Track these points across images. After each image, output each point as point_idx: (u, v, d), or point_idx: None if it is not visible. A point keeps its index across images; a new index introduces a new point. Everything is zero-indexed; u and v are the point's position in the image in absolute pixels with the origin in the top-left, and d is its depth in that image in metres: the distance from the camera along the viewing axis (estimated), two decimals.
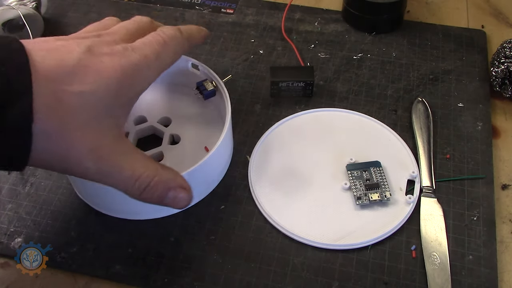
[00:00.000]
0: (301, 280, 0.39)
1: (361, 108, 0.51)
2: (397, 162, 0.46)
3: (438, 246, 0.41)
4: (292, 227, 0.42)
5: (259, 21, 0.60)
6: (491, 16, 0.62)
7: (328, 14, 0.61)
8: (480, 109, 0.51)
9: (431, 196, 0.44)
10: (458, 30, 0.59)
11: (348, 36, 0.59)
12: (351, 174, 0.45)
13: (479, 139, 0.48)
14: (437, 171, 0.46)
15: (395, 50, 0.57)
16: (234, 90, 0.52)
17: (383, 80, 0.54)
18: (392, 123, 0.50)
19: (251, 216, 0.43)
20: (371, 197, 0.43)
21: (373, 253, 0.41)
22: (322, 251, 0.41)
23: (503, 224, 0.43)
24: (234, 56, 0.56)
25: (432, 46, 0.57)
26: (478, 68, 0.55)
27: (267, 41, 0.58)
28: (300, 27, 0.60)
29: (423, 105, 0.50)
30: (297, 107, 0.51)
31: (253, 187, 0.44)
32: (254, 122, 0.50)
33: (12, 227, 0.42)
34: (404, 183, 0.45)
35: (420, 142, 0.47)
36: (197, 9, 0.62)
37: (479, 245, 0.41)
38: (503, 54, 0.51)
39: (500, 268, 0.40)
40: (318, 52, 0.57)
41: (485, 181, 0.45)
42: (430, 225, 0.42)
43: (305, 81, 0.50)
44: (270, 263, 0.40)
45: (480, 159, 0.47)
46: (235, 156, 0.47)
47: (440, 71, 0.55)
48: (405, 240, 0.42)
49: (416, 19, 0.61)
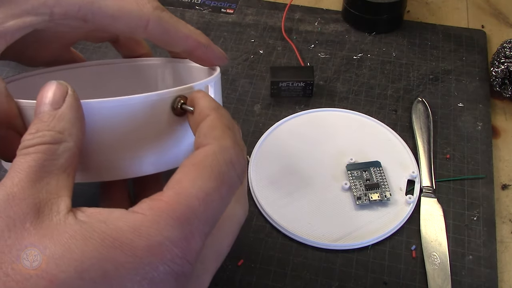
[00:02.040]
0: (301, 280, 0.39)
1: (361, 108, 0.51)
2: (397, 162, 0.46)
3: (438, 246, 0.41)
4: (292, 227, 0.42)
5: (259, 21, 0.60)
6: (491, 16, 0.62)
7: (328, 14, 0.61)
8: (480, 109, 0.51)
9: (431, 196, 0.44)
10: (458, 30, 0.59)
11: (348, 36, 0.59)
12: (351, 174, 0.45)
13: (479, 139, 0.48)
14: (437, 171, 0.46)
15: (395, 50, 0.57)
16: (234, 90, 0.53)
17: (383, 80, 0.54)
18: (392, 123, 0.50)
19: (251, 216, 0.43)
20: (371, 197, 0.43)
21: (373, 253, 0.41)
22: (322, 251, 0.41)
23: (503, 224, 0.43)
24: (234, 56, 0.56)
25: (432, 46, 0.57)
26: (478, 68, 0.55)
27: (267, 41, 0.58)
28: (300, 27, 0.60)
29: (423, 105, 0.50)
30: (297, 107, 0.51)
31: (253, 187, 0.44)
32: (254, 122, 0.50)
33: None
34: (404, 183, 0.45)
35: (420, 142, 0.47)
36: (197, 9, 0.62)
37: (479, 245, 0.41)
38: (503, 54, 0.51)
39: (500, 268, 0.40)
40: (318, 52, 0.57)
41: (485, 181, 0.45)
42: (430, 225, 0.42)
43: (305, 81, 0.50)
44: (270, 263, 0.40)
45: (480, 159, 0.47)
46: None
47: (440, 71, 0.55)
48: (405, 240, 0.42)
49: (416, 19, 0.61)
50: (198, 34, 0.35)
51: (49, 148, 0.24)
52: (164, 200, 0.23)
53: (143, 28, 0.32)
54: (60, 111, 0.26)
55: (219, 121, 0.27)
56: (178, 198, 0.23)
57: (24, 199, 0.22)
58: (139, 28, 0.32)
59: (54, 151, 0.24)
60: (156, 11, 0.32)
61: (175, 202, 0.23)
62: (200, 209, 0.23)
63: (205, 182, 0.24)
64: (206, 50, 0.35)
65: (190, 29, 0.34)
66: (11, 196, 0.22)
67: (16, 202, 0.22)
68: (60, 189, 0.24)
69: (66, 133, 0.25)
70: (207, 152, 0.25)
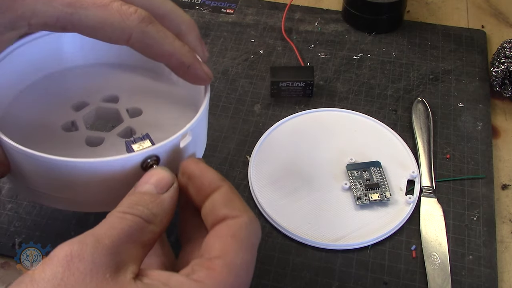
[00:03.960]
0: (301, 280, 0.39)
1: (361, 108, 0.51)
2: (397, 162, 0.46)
3: (438, 246, 0.41)
4: (292, 227, 0.42)
5: (259, 21, 0.60)
6: (491, 16, 0.62)
7: (328, 14, 0.61)
8: (480, 109, 0.51)
9: (431, 196, 0.44)
10: (458, 30, 0.59)
11: (348, 36, 0.59)
12: (351, 174, 0.45)
13: (479, 139, 0.48)
14: (437, 171, 0.46)
15: (395, 50, 0.57)
16: (234, 90, 0.53)
17: (383, 80, 0.54)
18: (392, 123, 0.50)
19: None
20: (371, 197, 0.43)
21: (373, 253, 0.41)
22: (322, 251, 0.41)
23: (503, 224, 0.43)
24: (234, 56, 0.56)
25: (432, 46, 0.57)
26: (478, 68, 0.55)
27: (267, 41, 0.58)
28: (300, 27, 0.60)
29: (423, 105, 0.50)
30: (297, 107, 0.51)
31: (253, 187, 0.44)
32: (254, 122, 0.50)
33: (12, 227, 0.42)
34: (404, 183, 0.45)
35: (420, 142, 0.47)
36: (197, 9, 0.62)
37: (479, 245, 0.41)
38: (503, 54, 0.51)
39: (500, 268, 0.40)
40: (318, 52, 0.57)
41: (485, 181, 0.45)
42: (430, 225, 0.42)
43: (305, 81, 0.50)
44: (270, 263, 0.40)
45: (480, 159, 0.47)
46: (235, 156, 0.47)
47: (440, 71, 0.55)
48: (405, 240, 0.42)
49: (416, 19, 0.61)
50: (184, 53, 0.33)
51: (142, 223, 0.27)
52: (218, 270, 0.26)
53: (125, 41, 0.32)
54: (161, 198, 0.29)
55: (232, 192, 0.29)
56: (230, 269, 0.26)
57: (111, 254, 0.25)
58: (121, 40, 0.32)
59: (144, 228, 0.27)
60: (141, 24, 0.31)
61: (228, 273, 0.26)
62: (244, 278, 0.27)
63: (245, 254, 0.27)
64: (187, 70, 0.34)
65: (176, 46, 0.32)
66: (102, 245, 0.25)
67: (104, 252, 0.24)
68: (136, 258, 0.26)
69: (158, 219, 0.28)
70: (241, 225, 0.28)
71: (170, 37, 0.32)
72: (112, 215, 0.27)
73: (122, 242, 0.25)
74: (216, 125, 0.50)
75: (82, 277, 0.23)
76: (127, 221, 0.26)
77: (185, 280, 0.25)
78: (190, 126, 0.33)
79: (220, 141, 0.48)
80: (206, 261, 0.26)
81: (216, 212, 0.28)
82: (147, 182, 0.29)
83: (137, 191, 0.29)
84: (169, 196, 0.29)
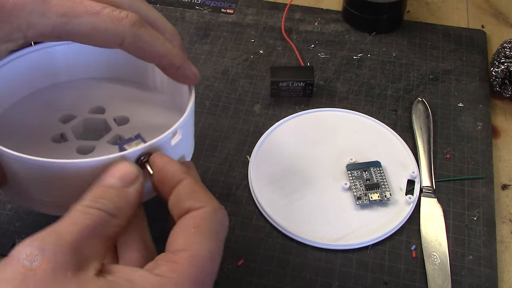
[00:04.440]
0: (301, 280, 0.39)
1: (361, 108, 0.51)
2: (397, 162, 0.46)
3: (438, 246, 0.41)
4: (292, 227, 0.42)
5: (259, 21, 0.60)
6: (491, 16, 0.62)
7: (328, 14, 0.61)
8: (480, 109, 0.51)
9: (431, 196, 0.44)
10: (458, 30, 0.59)
11: (348, 36, 0.59)
12: (351, 174, 0.45)
13: (479, 139, 0.48)
14: (437, 171, 0.46)
15: (395, 50, 0.57)
16: (234, 90, 0.53)
17: (383, 80, 0.54)
18: (392, 123, 0.50)
19: (251, 216, 0.43)
20: (371, 197, 0.43)
21: (373, 253, 0.41)
22: (322, 251, 0.41)
23: (503, 224, 0.43)
24: (234, 56, 0.56)
25: (432, 46, 0.57)
26: (478, 68, 0.55)
27: (267, 41, 0.58)
28: (300, 27, 0.60)
29: (423, 105, 0.50)
30: (297, 107, 0.51)
31: (253, 187, 0.44)
32: (254, 122, 0.50)
33: (12, 227, 0.42)
34: (404, 183, 0.45)
35: (420, 142, 0.47)
36: (197, 9, 0.62)
37: (479, 245, 0.41)
38: (503, 54, 0.51)
39: (500, 268, 0.40)
40: (318, 52, 0.57)
41: (485, 181, 0.45)
42: (430, 225, 0.42)
43: (305, 81, 0.50)
44: (270, 263, 0.40)
45: (480, 159, 0.47)
46: (235, 156, 0.47)
47: (440, 71, 0.55)
48: (405, 240, 0.42)
49: (416, 19, 0.61)
50: (174, 54, 0.34)
51: (106, 217, 0.27)
52: (181, 263, 0.26)
53: (118, 45, 0.32)
54: (126, 192, 0.28)
55: (196, 184, 0.30)
56: (193, 261, 0.26)
57: (72, 251, 0.24)
58: (114, 44, 0.32)
59: (108, 222, 0.27)
60: (133, 28, 0.32)
61: (192, 265, 0.26)
62: (209, 268, 0.27)
63: (209, 244, 0.27)
64: (177, 71, 0.35)
65: (167, 47, 0.34)
66: (64, 242, 0.24)
67: (65, 250, 0.24)
68: (99, 252, 0.26)
69: (123, 212, 0.28)
70: (203, 215, 0.28)
71: (161, 39, 0.34)
72: (75, 210, 0.27)
73: (84, 237, 0.25)
74: (216, 125, 0.50)
75: (44, 276, 0.23)
76: (90, 216, 0.26)
77: (148, 275, 0.25)
78: (180, 124, 0.34)
79: (220, 141, 0.48)
80: (170, 254, 0.27)
81: (180, 204, 0.29)
82: (112, 176, 0.29)
83: (101, 184, 0.28)
84: (134, 190, 0.29)
